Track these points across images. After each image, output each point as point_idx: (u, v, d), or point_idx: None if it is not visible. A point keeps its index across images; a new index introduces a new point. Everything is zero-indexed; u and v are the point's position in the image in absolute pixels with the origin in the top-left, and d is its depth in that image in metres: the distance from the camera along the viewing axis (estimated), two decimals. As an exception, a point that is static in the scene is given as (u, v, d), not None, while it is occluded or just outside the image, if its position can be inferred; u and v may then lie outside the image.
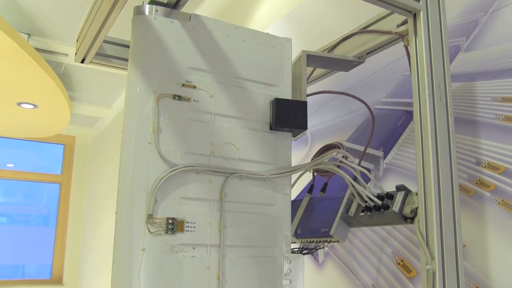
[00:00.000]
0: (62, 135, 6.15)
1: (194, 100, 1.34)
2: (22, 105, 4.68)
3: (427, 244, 1.19)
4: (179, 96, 1.32)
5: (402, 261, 1.65)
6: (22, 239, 6.41)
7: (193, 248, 1.26)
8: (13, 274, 6.47)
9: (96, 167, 6.03)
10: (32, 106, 4.72)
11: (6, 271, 6.40)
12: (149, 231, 1.23)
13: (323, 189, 1.61)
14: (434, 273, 1.16)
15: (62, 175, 6.45)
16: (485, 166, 1.47)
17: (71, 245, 6.45)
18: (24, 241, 6.42)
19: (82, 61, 1.57)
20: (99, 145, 6.10)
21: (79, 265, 6.45)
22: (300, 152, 2.29)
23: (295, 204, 1.57)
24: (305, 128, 1.42)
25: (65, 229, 6.44)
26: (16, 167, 6.35)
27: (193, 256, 1.25)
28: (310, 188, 1.63)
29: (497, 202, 1.41)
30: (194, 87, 1.35)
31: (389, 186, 1.34)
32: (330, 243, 1.89)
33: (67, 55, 4.41)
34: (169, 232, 1.24)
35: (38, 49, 4.04)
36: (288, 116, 1.41)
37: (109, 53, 1.61)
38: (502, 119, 1.45)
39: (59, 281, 6.50)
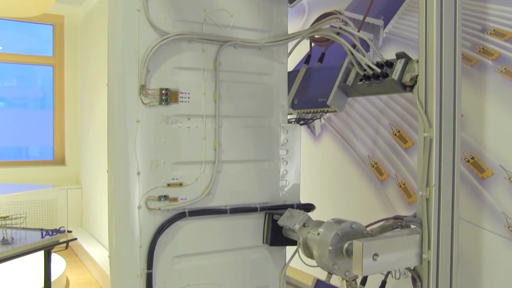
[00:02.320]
0: (49, 14, 5.91)
1: (184, -38, 1.24)
2: (2, -20, 4.41)
3: (425, 112, 1.17)
4: (166, -43, 1.22)
5: (399, 131, 1.65)
6: (22, 122, 6.47)
7: (188, 119, 1.24)
8: (18, 155, 6.63)
9: (88, 46, 5.88)
10: (13, -19, 4.46)
11: (10, 152, 6.54)
12: (143, 102, 1.20)
13: (321, 59, 1.56)
14: (431, 140, 1.15)
15: (54, 57, 6.31)
16: (490, 33, 1.41)
17: (70, 126, 6.52)
18: (24, 124, 6.48)
19: None
20: (89, 24, 5.90)
21: (79, 146, 6.58)
22: (297, 23, 2.19)
23: (292, 75, 1.53)
24: (303, -8, 1.34)
25: (63, 111, 6.46)
26: (6, 50, 6.20)
27: (189, 127, 1.24)
28: (307, 59, 1.58)
29: (499, 71, 1.37)
30: None
31: (388, 57, 1.29)
32: (327, 113, 1.88)
33: None
34: (163, 103, 1.21)
35: None
36: (285, -21, 1.32)
37: None
38: (514, -20, 1.36)
39: (62, 161, 6.67)
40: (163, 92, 1.21)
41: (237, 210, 1.29)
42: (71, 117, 6.50)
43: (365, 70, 1.29)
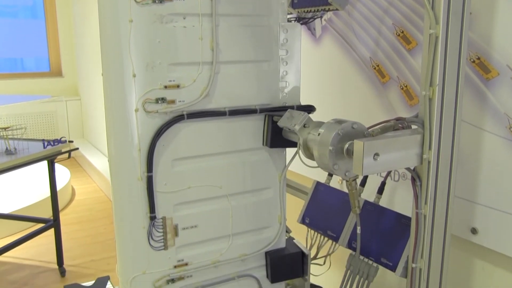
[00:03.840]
0: None
1: None
2: None
3: (432, 8, 1.11)
4: None
5: (402, 32, 1.59)
6: (14, 32, 6.30)
7: (184, 18, 1.19)
8: (13, 67, 6.52)
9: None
10: None
11: (5, 64, 6.44)
12: (135, 0, 1.14)
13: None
14: (436, 38, 1.11)
15: (42, -39, 6.02)
16: None
17: (64, 35, 6.37)
18: (17, 34, 6.31)
19: None
20: None
21: (75, 57, 6.47)
22: None
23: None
24: None
25: (55, 19, 6.27)
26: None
27: (184, 27, 1.19)
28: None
29: (515, -39, 1.28)
30: None
31: None
32: (328, 12, 1.81)
33: None
34: (156, 1, 1.15)
35: None
36: None
37: None
38: None
39: (59, 73, 6.60)
40: (156, -12, 1.14)
41: (236, 112, 1.27)
42: (64, 25, 6.33)
43: (370, -37, 1.21)
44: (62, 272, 3.35)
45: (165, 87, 1.19)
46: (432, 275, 1.21)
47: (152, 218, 1.24)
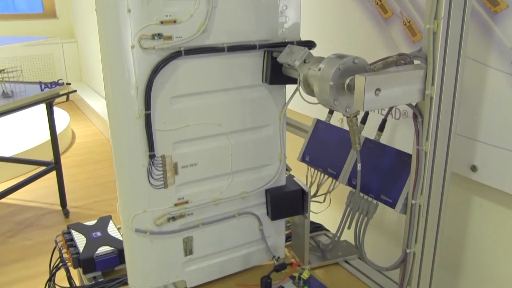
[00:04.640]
0: None
1: None
2: None
3: None
4: None
5: (407, -36, 1.53)
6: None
7: None
8: (4, 8, 6.36)
9: None
10: None
11: (-3, 6, 6.27)
12: None
13: None
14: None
15: None
16: None
17: (57, -25, 6.18)
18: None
19: None
20: None
21: (69, -3, 6.29)
22: None
23: None
24: None
25: (47, -42, 6.06)
26: None
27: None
28: None
29: None
30: None
31: None
32: None
33: None
34: None
35: None
36: None
37: None
38: None
39: (53, 14, 6.44)
40: None
41: (235, 48, 1.24)
42: (56, -36, 6.12)
43: None
44: (66, 213, 3.41)
45: (162, 22, 1.15)
46: (431, 212, 1.22)
47: (152, 157, 1.23)
